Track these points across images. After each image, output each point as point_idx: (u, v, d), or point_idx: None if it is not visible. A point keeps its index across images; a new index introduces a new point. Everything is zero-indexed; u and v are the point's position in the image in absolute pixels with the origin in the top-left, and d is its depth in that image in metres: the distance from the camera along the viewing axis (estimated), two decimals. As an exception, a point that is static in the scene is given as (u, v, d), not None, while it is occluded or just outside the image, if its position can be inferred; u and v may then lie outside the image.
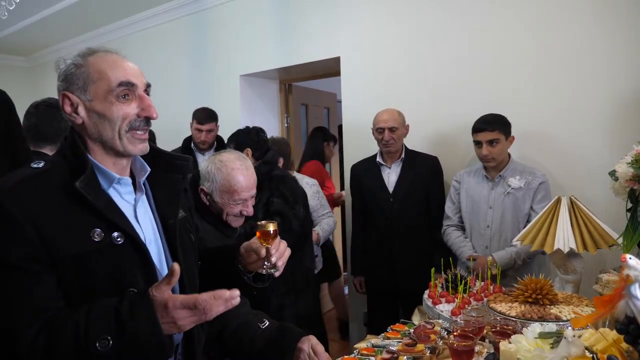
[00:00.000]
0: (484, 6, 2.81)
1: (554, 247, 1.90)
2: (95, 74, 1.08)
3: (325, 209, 2.96)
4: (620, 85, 2.41)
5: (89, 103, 1.08)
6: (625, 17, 2.37)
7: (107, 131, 1.08)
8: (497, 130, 2.43)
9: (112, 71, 1.08)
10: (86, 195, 1.02)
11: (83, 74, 1.08)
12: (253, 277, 1.36)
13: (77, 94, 1.08)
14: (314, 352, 1.34)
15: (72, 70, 1.09)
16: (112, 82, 1.07)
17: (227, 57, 4.17)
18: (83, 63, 1.09)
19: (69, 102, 1.08)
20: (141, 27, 4.84)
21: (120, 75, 1.08)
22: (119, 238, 1.05)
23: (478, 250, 2.54)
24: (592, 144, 2.48)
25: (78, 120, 1.09)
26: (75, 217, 1.02)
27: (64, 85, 1.09)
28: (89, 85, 1.07)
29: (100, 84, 1.07)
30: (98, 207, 1.03)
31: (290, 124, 4.45)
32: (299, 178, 2.98)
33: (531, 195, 2.43)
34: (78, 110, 1.08)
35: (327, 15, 3.49)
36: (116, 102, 1.08)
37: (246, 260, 1.32)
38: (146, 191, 1.20)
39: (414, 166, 2.84)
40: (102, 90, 1.07)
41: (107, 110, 1.07)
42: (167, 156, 1.25)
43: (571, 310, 1.66)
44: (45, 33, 5.38)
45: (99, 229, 1.03)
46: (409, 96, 3.09)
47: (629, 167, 1.49)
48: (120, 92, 1.08)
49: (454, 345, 1.35)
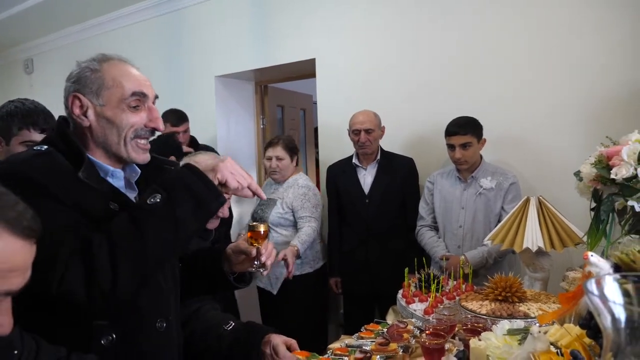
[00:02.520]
0: (460, 10, 2.86)
1: (523, 246, 1.95)
2: (110, 80, 1.11)
3: (306, 211, 2.87)
4: (589, 89, 2.48)
5: (100, 108, 1.11)
6: (596, 22, 2.45)
7: (113, 137, 1.12)
8: (470, 133, 2.48)
9: (126, 80, 1.12)
10: (90, 184, 1.06)
11: (98, 79, 1.11)
12: (236, 278, 1.40)
13: (89, 97, 1.11)
14: (275, 353, 1.36)
15: (86, 74, 1.12)
16: (126, 91, 1.11)
17: (202, 58, 4.13)
18: (99, 68, 1.12)
19: (79, 104, 1.11)
20: (114, 26, 4.75)
21: (134, 85, 1.13)
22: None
23: (451, 249, 2.58)
24: (561, 147, 2.56)
25: (85, 123, 1.12)
26: (89, 194, 1.06)
27: (76, 87, 1.12)
28: (103, 90, 1.11)
29: (114, 91, 1.11)
30: (105, 193, 1.08)
31: (266, 126, 4.43)
32: (297, 178, 2.98)
33: (502, 195, 2.49)
34: (87, 113, 1.11)
35: (303, 17, 3.50)
36: (127, 110, 1.12)
37: (234, 261, 1.37)
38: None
39: (389, 168, 2.86)
40: (116, 98, 1.11)
41: (117, 117, 1.11)
42: (155, 160, 1.28)
43: (539, 307, 1.70)
44: (13, 31, 5.24)
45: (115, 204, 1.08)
46: (385, 98, 3.12)
47: (592, 168, 1.54)
48: (132, 102, 1.12)
49: (426, 343, 1.37)
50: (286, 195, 2.92)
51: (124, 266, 0.97)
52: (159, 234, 1.00)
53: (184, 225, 1.03)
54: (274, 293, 2.93)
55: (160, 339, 1.15)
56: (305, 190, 2.93)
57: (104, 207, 1.07)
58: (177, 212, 1.01)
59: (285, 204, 2.91)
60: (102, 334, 1.04)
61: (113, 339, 1.05)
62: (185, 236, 1.07)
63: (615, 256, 1.19)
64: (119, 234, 0.98)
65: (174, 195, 1.02)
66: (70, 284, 0.94)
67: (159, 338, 1.15)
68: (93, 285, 0.95)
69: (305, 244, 2.79)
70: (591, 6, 2.46)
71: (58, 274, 0.93)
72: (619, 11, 2.38)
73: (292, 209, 2.89)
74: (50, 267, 0.93)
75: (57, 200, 1.00)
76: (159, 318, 1.15)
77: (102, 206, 1.06)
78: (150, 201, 1.01)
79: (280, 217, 2.91)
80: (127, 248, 0.97)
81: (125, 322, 1.08)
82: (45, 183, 1.00)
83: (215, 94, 4.07)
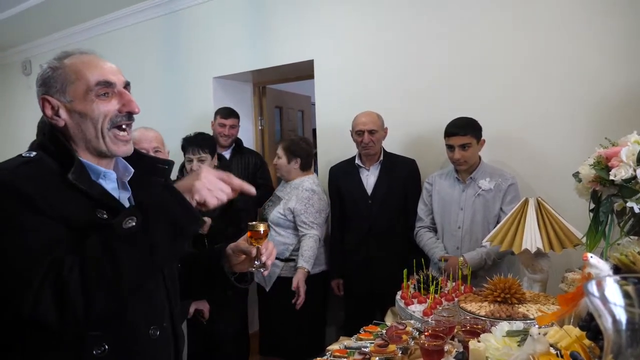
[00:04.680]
0: (458, 12, 2.86)
1: (522, 247, 1.95)
2: (72, 75, 1.08)
3: (309, 217, 2.84)
4: (587, 90, 2.48)
5: (70, 104, 1.09)
6: (594, 24, 2.45)
7: (90, 130, 1.09)
8: (469, 134, 2.48)
9: (89, 71, 1.09)
10: (80, 186, 1.03)
11: (60, 76, 1.08)
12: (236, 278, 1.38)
13: (57, 97, 1.09)
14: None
15: (49, 73, 1.09)
16: (90, 81, 1.08)
17: (200, 59, 4.13)
18: (59, 65, 1.09)
19: (50, 106, 1.09)
20: (113, 27, 4.74)
21: (98, 74, 1.09)
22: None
23: (449, 251, 2.57)
24: (559, 148, 2.56)
25: (60, 123, 1.09)
26: (78, 199, 1.04)
27: (43, 89, 1.10)
28: (68, 86, 1.08)
29: (78, 84, 1.08)
30: (94, 196, 1.06)
31: (264, 127, 4.43)
32: (303, 180, 2.96)
33: (501, 196, 2.49)
34: (59, 113, 1.09)
35: (301, 18, 3.50)
36: (96, 100, 1.09)
37: (233, 261, 1.35)
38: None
39: (392, 169, 2.87)
40: (81, 90, 1.08)
41: (87, 109, 1.08)
42: (149, 159, 1.27)
43: (538, 309, 1.70)
44: (11, 33, 5.23)
45: (103, 211, 1.06)
46: (383, 99, 3.11)
47: (591, 169, 1.53)
48: (100, 91, 1.09)
49: (425, 345, 1.36)
50: (289, 197, 2.93)
51: (96, 293, 0.94)
52: (133, 260, 0.97)
53: (159, 251, 1.00)
54: (267, 290, 2.93)
55: (153, 347, 1.13)
56: (309, 194, 2.90)
57: (91, 217, 1.04)
58: (152, 238, 0.98)
59: (286, 205, 2.91)
60: (95, 345, 1.02)
61: (105, 350, 1.03)
62: (161, 261, 1.05)
63: (615, 257, 1.18)
64: (91, 260, 0.95)
65: (149, 219, 0.98)
66: (43, 309, 0.91)
67: (153, 346, 1.13)
68: (65, 311, 0.92)
69: (310, 259, 2.82)
70: (588, 8, 2.46)
71: (30, 298, 0.91)
72: (615, 13, 2.39)
73: (293, 212, 2.88)
74: (23, 289, 0.91)
75: (41, 212, 0.97)
76: (152, 326, 1.12)
77: (89, 215, 1.04)
78: (125, 225, 0.97)
79: (280, 217, 2.92)
80: (99, 274, 0.94)
81: (117, 332, 1.06)
82: (30, 193, 0.97)
83: (213, 95, 4.07)
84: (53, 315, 0.92)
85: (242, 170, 3.41)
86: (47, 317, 0.91)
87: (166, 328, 1.18)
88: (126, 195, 1.19)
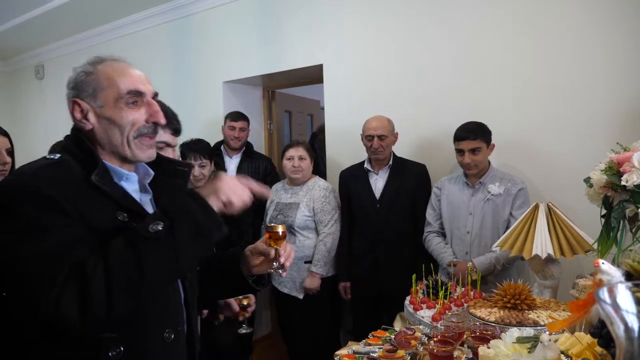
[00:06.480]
0: (467, 15, 2.86)
1: (532, 253, 1.93)
2: (104, 81, 1.11)
3: (326, 215, 2.93)
4: (598, 94, 2.46)
5: (99, 109, 1.11)
6: (604, 28, 2.44)
7: (116, 136, 1.12)
8: (479, 138, 2.47)
9: (120, 79, 1.12)
10: (102, 187, 1.06)
11: (93, 82, 1.11)
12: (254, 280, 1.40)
13: (87, 101, 1.11)
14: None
15: (82, 77, 1.12)
16: (121, 89, 1.11)
17: (210, 64, 4.16)
18: (93, 71, 1.12)
19: (79, 109, 1.12)
20: (124, 32, 4.80)
21: (129, 83, 1.12)
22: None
23: (458, 256, 2.56)
24: (571, 152, 2.54)
25: (88, 127, 1.12)
26: (100, 201, 1.06)
27: (74, 92, 1.13)
28: (99, 92, 1.11)
29: (109, 91, 1.11)
30: (115, 198, 1.08)
31: (273, 131, 4.45)
32: (316, 180, 3.04)
33: (510, 201, 2.47)
34: (88, 117, 1.12)
35: (311, 23, 3.51)
36: (125, 108, 1.12)
37: (251, 262, 1.36)
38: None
39: (401, 173, 2.86)
40: (112, 97, 1.11)
41: (116, 116, 1.11)
42: (169, 162, 1.29)
43: (549, 315, 1.68)
44: (24, 37, 5.30)
45: (124, 213, 1.08)
46: (392, 103, 3.12)
47: (602, 174, 1.52)
48: (130, 99, 1.12)
49: (434, 350, 1.36)
50: (309, 197, 2.96)
51: (119, 293, 0.95)
52: (157, 263, 0.99)
53: (183, 255, 1.03)
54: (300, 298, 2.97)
55: (168, 350, 1.14)
56: (325, 192, 2.98)
57: (112, 218, 1.05)
58: (177, 242, 1.00)
59: (309, 206, 2.95)
60: (110, 346, 1.03)
61: (121, 351, 1.04)
62: (185, 265, 1.07)
63: (627, 264, 1.17)
64: (116, 260, 0.97)
65: (174, 224, 1.01)
66: (64, 307, 0.93)
67: (167, 349, 1.14)
68: (87, 311, 0.93)
69: (322, 261, 2.90)
70: (599, 13, 2.44)
71: (52, 297, 0.92)
72: (625, 17, 2.37)
73: (314, 211, 2.93)
74: (46, 289, 0.92)
75: (63, 213, 0.99)
76: (167, 329, 1.13)
77: (110, 217, 1.05)
78: (152, 229, 0.99)
79: (307, 219, 2.95)
80: (123, 275, 0.96)
81: (133, 334, 1.07)
82: (52, 194, 0.99)
83: (223, 99, 4.09)
84: (75, 314, 0.93)
85: (252, 174, 3.42)
86: (68, 315, 0.93)
87: (181, 332, 1.19)
88: (147, 198, 1.21)
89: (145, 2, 4.30)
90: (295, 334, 3.04)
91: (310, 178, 3.05)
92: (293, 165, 2.97)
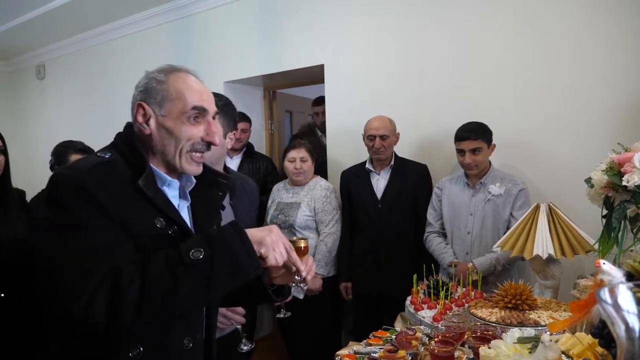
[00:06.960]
0: (468, 15, 2.86)
1: (533, 253, 1.93)
2: (174, 93, 1.14)
3: (327, 215, 2.93)
4: (599, 94, 2.46)
5: (162, 118, 1.14)
6: (604, 28, 2.44)
7: (171, 147, 1.15)
8: (480, 139, 2.47)
9: (189, 93, 1.15)
10: (147, 193, 1.09)
11: (163, 91, 1.14)
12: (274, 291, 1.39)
13: (153, 107, 1.14)
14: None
15: (153, 84, 1.15)
16: (187, 104, 1.14)
17: (211, 64, 4.16)
18: (165, 80, 1.15)
19: (143, 112, 1.15)
20: (125, 32, 4.80)
21: (196, 99, 1.15)
22: (175, 231, 1.13)
23: (459, 256, 2.56)
24: (571, 153, 2.54)
25: (147, 131, 1.15)
26: (141, 205, 1.09)
27: (142, 96, 1.15)
28: (166, 102, 1.14)
29: (176, 103, 1.14)
30: (157, 204, 1.11)
31: (274, 131, 4.45)
32: (317, 180, 3.03)
33: (511, 202, 2.47)
34: (149, 122, 1.14)
35: (312, 23, 3.52)
36: (187, 122, 1.14)
37: (273, 274, 1.35)
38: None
39: (403, 173, 2.86)
40: (177, 110, 1.14)
41: (176, 128, 1.14)
42: (211, 172, 1.31)
43: (550, 315, 1.68)
44: (26, 37, 5.30)
45: (162, 219, 1.11)
46: (393, 103, 3.12)
47: (603, 175, 1.52)
48: (192, 115, 1.14)
49: (435, 351, 1.36)
50: (310, 197, 2.96)
51: (148, 311, 0.98)
52: (191, 290, 1.01)
53: (216, 287, 1.04)
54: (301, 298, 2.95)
55: (185, 357, 1.17)
56: (326, 192, 2.98)
57: (150, 224, 1.08)
58: (214, 275, 1.02)
59: (310, 206, 2.94)
60: (131, 347, 1.06)
61: (140, 352, 1.07)
62: (215, 296, 1.09)
63: (628, 264, 1.17)
64: (152, 279, 0.99)
65: (215, 256, 1.03)
66: (94, 312, 0.95)
67: (184, 355, 1.16)
68: (115, 318, 0.96)
69: (323, 262, 2.88)
70: (599, 12, 2.44)
71: (84, 300, 0.95)
72: (626, 16, 2.37)
73: (315, 211, 2.93)
74: (79, 288, 0.95)
75: (104, 214, 1.02)
76: (186, 336, 1.16)
77: (148, 222, 1.08)
78: (192, 255, 1.02)
79: (308, 219, 2.94)
80: (156, 295, 0.99)
81: (153, 340, 1.10)
82: (99, 195, 1.01)
83: (224, 99, 4.09)
84: (102, 319, 0.96)
85: (252, 174, 3.42)
86: (96, 319, 0.96)
87: (200, 339, 1.22)
88: (185, 204, 1.23)
89: (146, 2, 4.30)
90: (295, 334, 3.03)
91: (312, 178, 3.06)
92: (295, 168, 2.96)
